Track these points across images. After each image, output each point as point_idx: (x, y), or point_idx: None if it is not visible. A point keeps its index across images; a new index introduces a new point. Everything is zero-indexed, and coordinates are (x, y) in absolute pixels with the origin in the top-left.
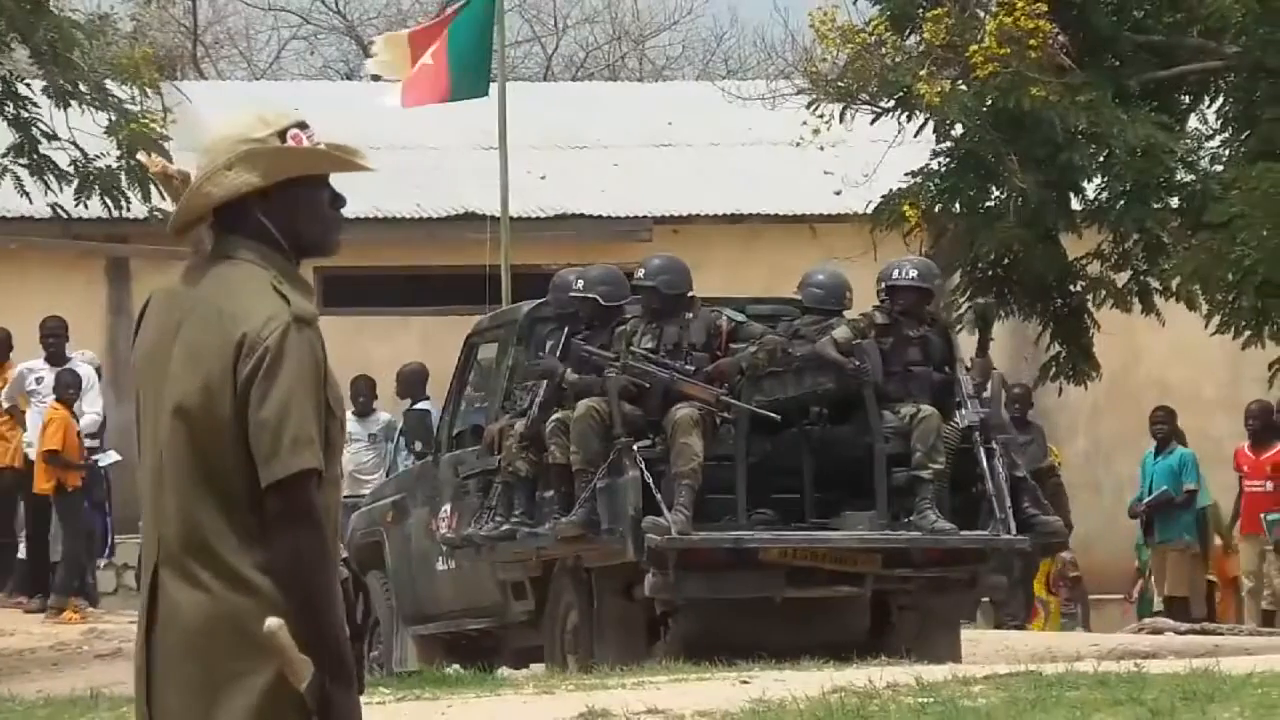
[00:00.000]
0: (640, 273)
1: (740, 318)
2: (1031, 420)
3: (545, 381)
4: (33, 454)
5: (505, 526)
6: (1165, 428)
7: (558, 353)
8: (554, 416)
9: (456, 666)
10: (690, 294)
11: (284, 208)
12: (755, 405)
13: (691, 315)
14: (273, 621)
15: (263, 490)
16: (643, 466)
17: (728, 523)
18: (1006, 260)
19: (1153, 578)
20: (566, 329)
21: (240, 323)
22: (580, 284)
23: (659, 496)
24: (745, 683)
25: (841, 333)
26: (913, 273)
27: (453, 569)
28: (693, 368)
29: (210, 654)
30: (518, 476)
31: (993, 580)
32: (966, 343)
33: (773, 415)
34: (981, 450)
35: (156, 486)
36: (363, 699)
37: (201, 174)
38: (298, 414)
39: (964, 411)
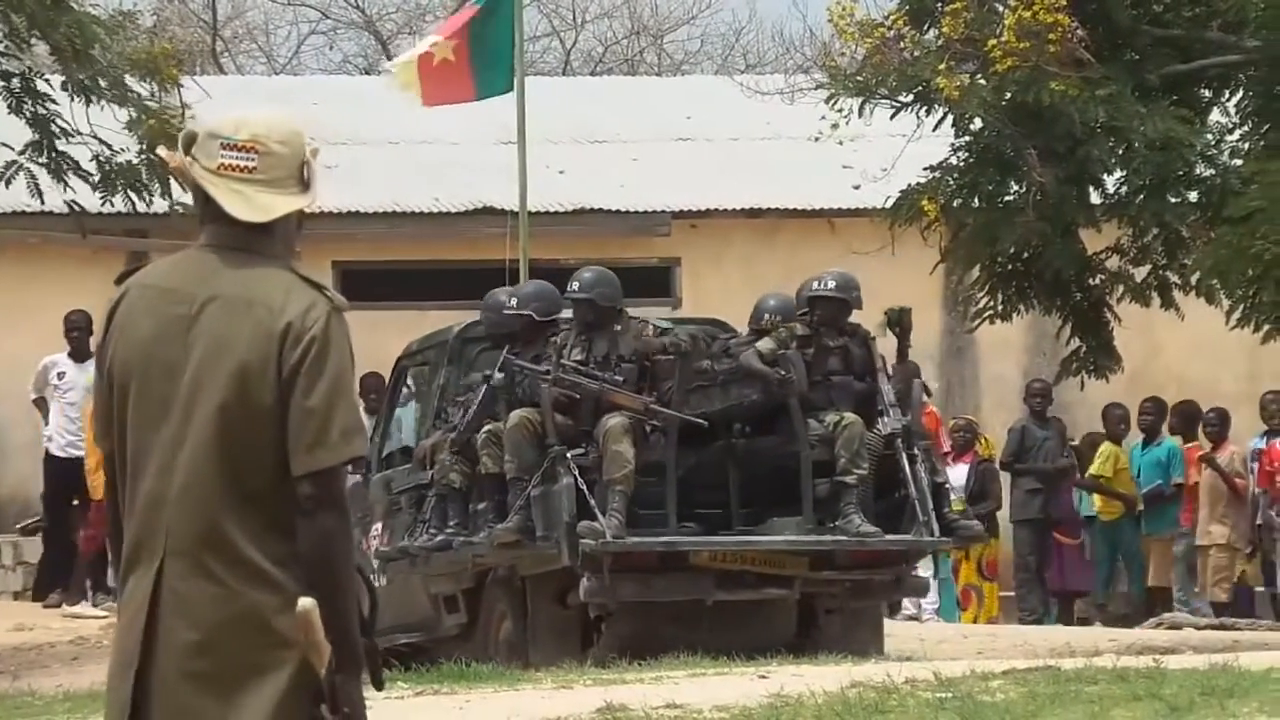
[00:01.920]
0: (574, 285)
1: (666, 324)
2: (1051, 416)
3: (477, 393)
4: (54, 449)
5: (440, 538)
6: (1151, 419)
7: (494, 369)
8: (485, 428)
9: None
10: (620, 307)
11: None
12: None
13: (620, 328)
14: (306, 601)
15: (296, 477)
16: (576, 474)
17: (659, 528)
18: (1026, 255)
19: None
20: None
21: (278, 313)
22: (514, 302)
23: (593, 503)
24: (763, 678)
25: (765, 344)
26: (831, 284)
27: (383, 585)
28: (621, 378)
29: (229, 649)
30: (451, 488)
31: (916, 581)
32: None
33: (701, 421)
34: (904, 456)
35: (162, 480)
36: (381, 695)
37: (293, 167)
38: (346, 402)
39: (886, 419)
